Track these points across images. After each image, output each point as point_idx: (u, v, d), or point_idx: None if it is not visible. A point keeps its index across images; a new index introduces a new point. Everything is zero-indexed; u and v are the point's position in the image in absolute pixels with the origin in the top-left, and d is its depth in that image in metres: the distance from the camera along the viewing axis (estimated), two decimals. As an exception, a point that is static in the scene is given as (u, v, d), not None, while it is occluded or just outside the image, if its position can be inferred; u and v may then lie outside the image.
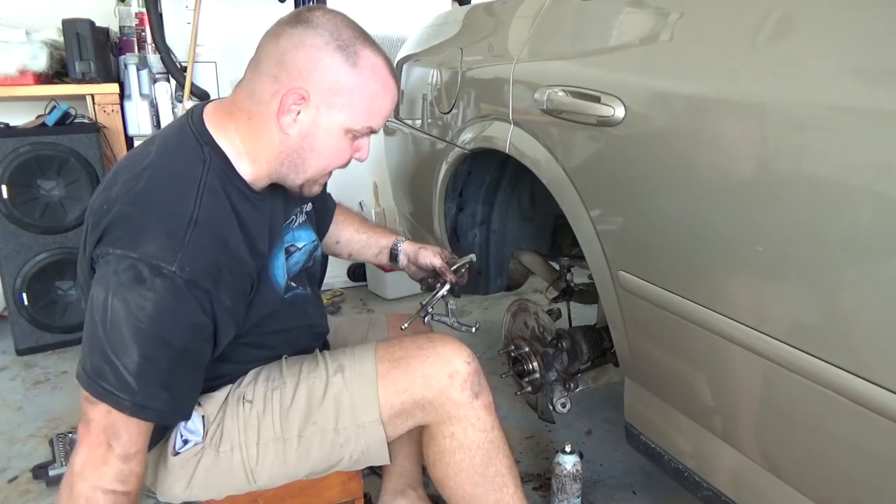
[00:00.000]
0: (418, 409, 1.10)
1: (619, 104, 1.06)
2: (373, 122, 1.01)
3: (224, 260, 0.94)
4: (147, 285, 0.86)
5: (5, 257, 2.32)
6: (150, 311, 0.86)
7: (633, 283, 1.13)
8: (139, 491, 0.94)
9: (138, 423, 0.90)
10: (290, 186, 1.05)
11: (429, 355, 1.09)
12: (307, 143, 0.98)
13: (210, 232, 0.92)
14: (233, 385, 1.12)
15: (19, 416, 2.02)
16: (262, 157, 1.00)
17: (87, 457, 0.89)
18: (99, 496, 0.89)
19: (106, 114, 2.51)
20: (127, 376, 0.87)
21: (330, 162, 1.02)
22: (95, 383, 0.87)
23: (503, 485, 1.14)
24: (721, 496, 1.06)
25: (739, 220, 0.90)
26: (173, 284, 0.87)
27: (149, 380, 0.89)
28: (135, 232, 0.89)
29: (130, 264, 0.87)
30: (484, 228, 1.81)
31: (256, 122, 0.98)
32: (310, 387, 1.10)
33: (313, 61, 0.94)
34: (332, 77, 0.95)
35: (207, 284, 0.91)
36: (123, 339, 0.86)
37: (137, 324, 0.86)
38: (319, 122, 0.97)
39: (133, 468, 0.91)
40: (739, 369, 0.96)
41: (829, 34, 0.80)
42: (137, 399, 0.88)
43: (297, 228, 1.19)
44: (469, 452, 1.11)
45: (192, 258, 0.89)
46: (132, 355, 0.86)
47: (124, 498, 0.91)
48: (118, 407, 0.88)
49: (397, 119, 2.12)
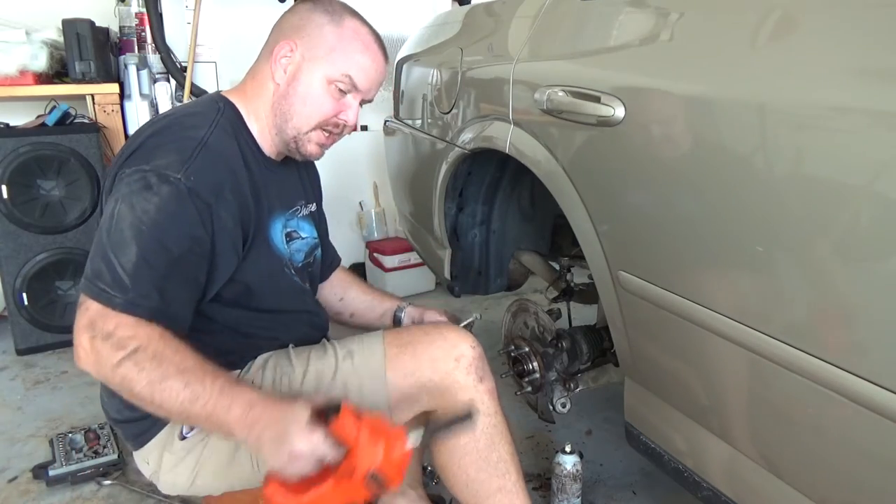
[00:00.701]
0: (424, 393, 1.12)
1: (619, 104, 1.06)
2: (352, 72, 1.08)
3: (228, 182, 1.01)
4: (153, 191, 0.93)
5: (5, 257, 2.32)
6: (152, 213, 0.92)
7: (633, 283, 1.13)
8: (152, 338, 0.91)
9: (130, 317, 0.91)
10: (286, 142, 1.12)
11: (435, 340, 1.12)
12: (292, 90, 1.08)
13: (218, 154, 1.01)
14: (241, 371, 1.13)
15: (19, 416, 2.02)
16: (262, 111, 1.11)
17: (84, 353, 0.91)
18: (112, 372, 0.89)
19: (106, 114, 2.51)
20: (122, 274, 0.90)
21: (314, 110, 1.09)
22: (92, 284, 0.91)
23: (506, 471, 1.16)
24: (721, 496, 1.06)
25: (739, 220, 0.90)
26: (177, 191, 0.94)
27: (143, 280, 0.91)
28: (149, 151, 0.98)
29: (141, 175, 0.95)
30: (484, 228, 1.81)
31: (258, 80, 1.11)
32: (319, 371, 1.12)
33: (304, 20, 1.09)
34: (317, 32, 1.08)
35: (210, 198, 0.97)
36: (124, 240, 0.91)
37: (139, 225, 0.92)
38: (303, 69, 1.08)
39: (125, 342, 0.90)
40: (739, 369, 0.96)
41: (829, 34, 0.80)
42: (129, 296, 0.90)
43: (300, 218, 1.23)
44: (473, 437, 1.13)
45: (198, 171, 0.97)
46: (130, 254, 0.91)
47: (141, 354, 0.89)
48: (110, 304, 0.90)
49: (397, 119, 2.12)
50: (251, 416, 0.88)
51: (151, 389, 0.88)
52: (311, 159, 1.17)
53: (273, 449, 0.87)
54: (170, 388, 0.88)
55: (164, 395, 0.88)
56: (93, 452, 1.71)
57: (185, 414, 0.89)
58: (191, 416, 0.90)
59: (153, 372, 0.88)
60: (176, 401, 0.88)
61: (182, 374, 0.88)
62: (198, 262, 0.99)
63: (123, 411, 1.11)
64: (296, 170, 1.27)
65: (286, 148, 1.14)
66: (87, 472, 1.66)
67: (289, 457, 0.86)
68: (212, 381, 0.89)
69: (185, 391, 0.88)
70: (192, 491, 1.11)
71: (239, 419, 0.88)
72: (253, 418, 0.88)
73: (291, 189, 1.23)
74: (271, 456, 0.88)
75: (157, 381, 0.87)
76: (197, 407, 0.88)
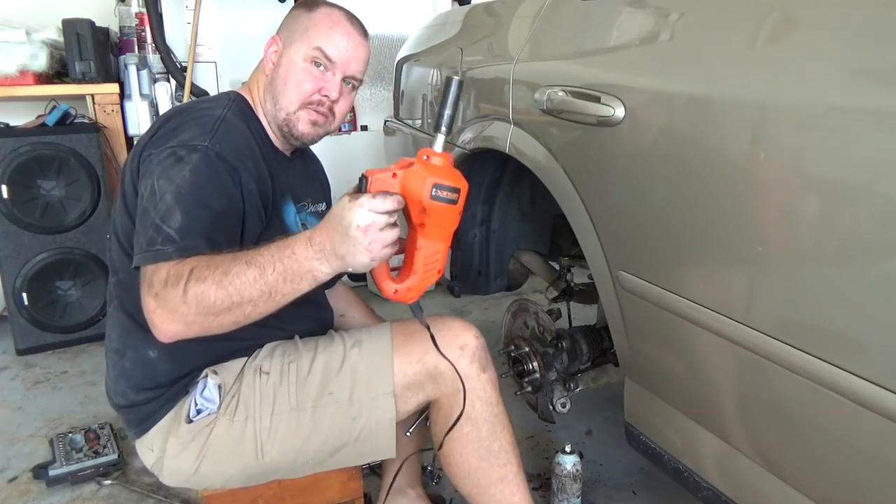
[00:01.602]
0: (429, 381, 1.14)
1: (619, 104, 1.06)
2: (322, 44, 1.14)
3: (247, 152, 1.09)
4: (185, 161, 1.00)
5: (5, 257, 2.32)
6: (188, 177, 0.99)
7: (633, 283, 1.13)
8: (200, 257, 0.94)
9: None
10: (280, 127, 1.17)
11: (440, 329, 1.13)
12: (276, 74, 1.17)
13: (236, 128, 1.10)
14: (248, 358, 1.15)
15: (19, 416, 2.02)
16: (259, 100, 1.19)
17: (158, 317, 0.92)
18: (185, 306, 0.90)
19: (106, 114, 2.51)
20: (174, 234, 0.95)
21: (294, 87, 1.15)
22: (148, 252, 0.95)
23: (507, 461, 1.18)
24: (721, 496, 1.06)
25: (739, 220, 0.90)
26: (206, 156, 1.01)
27: (193, 234, 0.96)
28: (172, 131, 1.05)
29: (170, 152, 1.01)
30: (484, 228, 1.81)
31: (256, 75, 1.21)
32: (327, 359, 1.15)
33: (287, 18, 1.21)
34: (294, 21, 1.18)
35: (235, 161, 1.04)
36: (169, 207, 0.96)
37: (179, 190, 0.97)
38: (284, 55, 1.17)
39: (181, 272, 0.92)
40: (739, 369, 0.96)
41: (829, 34, 0.80)
42: (181, 244, 0.95)
43: (308, 213, 1.26)
44: (475, 425, 1.15)
45: (222, 139, 1.04)
46: (177, 217, 0.96)
47: (198, 270, 0.91)
48: (164, 258, 0.94)
49: (397, 119, 2.12)
50: (315, 245, 0.89)
51: (224, 288, 0.89)
52: (305, 140, 1.20)
53: (350, 247, 0.87)
54: (238, 275, 0.90)
55: (238, 283, 0.89)
56: (93, 452, 1.71)
57: (267, 288, 0.90)
58: (272, 287, 0.91)
59: (215, 273, 0.90)
60: (250, 281, 0.89)
61: (238, 259, 0.91)
62: (236, 221, 1.05)
63: (129, 395, 1.13)
64: (304, 168, 1.30)
65: (282, 133, 1.19)
66: (87, 472, 1.66)
67: (364, 236, 0.86)
68: (265, 248, 0.92)
69: (251, 269, 0.90)
70: (196, 478, 1.12)
71: (309, 256, 0.89)
72: (318, 245, 0.89)
73: (299, 183, 1.26)
74: (356, 254, 0.87)
75: (224, 276, 0.90)
76: (270, 274, 0.90)
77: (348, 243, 0.86)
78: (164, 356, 1.10)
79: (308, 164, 1.34)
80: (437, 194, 0.87)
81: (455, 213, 0.91)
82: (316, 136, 1.20)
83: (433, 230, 0.90)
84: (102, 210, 2.41)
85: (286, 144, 1.22)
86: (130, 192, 1.07)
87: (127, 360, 1.12)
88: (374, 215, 0.85)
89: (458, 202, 0.89)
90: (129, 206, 1.07)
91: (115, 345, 1.14)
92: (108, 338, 1.17)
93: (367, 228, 0.85)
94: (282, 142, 1.21)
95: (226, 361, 1.14)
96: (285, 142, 1.21)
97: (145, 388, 1.12)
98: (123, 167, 1.11)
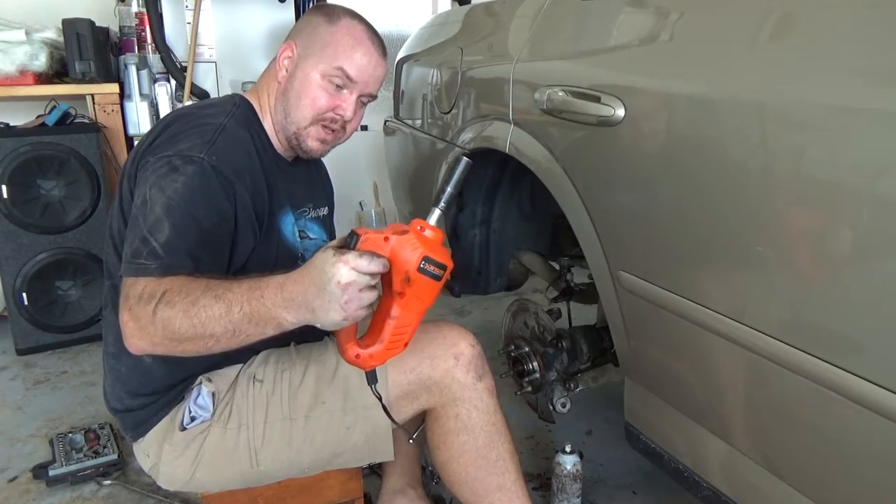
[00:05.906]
0: (424, 391, 1.13)
1: (619, 104, 1.06)
2: (345, 65, 1.11)
3: (245, 165, 1.07)
4: (179, 171, 0.99)
5: (5, 257, 2.32)
6: (181, 190, 0.97)
7: (633, 283, 1.13)
8: (177, 279, 0.92)
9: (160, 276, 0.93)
10: (288, 138, 1.15)
11: (435, 337, 1.13)
12: (290, 86, 1.13)
13: (236, 139, 1.08)
14: (243, 365, 1.15)
15: (19, 416, 2.02)
16: (268, 108, 1.17)
17: (129, 329, 0.91)
18: (153, 326, 0.89)
19: (106, 114, 2.51)
20: (158, 249, 0.94)
21: (309, 104, 1.12)
22: (132, 264, 0.94)
23: (505, 469, 1.16)
24: (721, 496, 1.06)
25: (739, 220, 0.90)
26: (202, 168, 0.99)
27: (177, 251, 0.95)
28: (171, 139, 1.04)
29: (166, 161, 1.00)
30: (484, 228, 1.81)
31: (267, 81, 1.18)
32: (319, 368, 1.13)
33: (304, 23, 1.17)
34: (313, 32, 1.13)
35: (231, 175, 1.03)
36: (158, 219, 0.96)
37: (169, 202, 0.96)
38: (300, 66, 1.13)
39: (154, 292, 0.91)
40: (739, 369, 0.96)
41: (829, 34, 0.80)
42: (163, 261, 0.94)
43: (308, 219, 1.25)
44: (472, 434, 1.14)
45: (219, 151, 1.02)
46: (164, 230, 0.95)
47: (170, 293, 0.89)
48: (146, 273, 0.93)
49: (397, 119, 2.12)
50: (286, 293, 0.85)
51: (190, 318, 0.86)
52: (313, 156, 1.19)
53: (324, 301, 0.83)
54: (205, 308, 0.86)
55: (203, 316, 0.86)
56: (93, 452, 1.71)
57: (231, 326, 0.87)
58: (237, 326, 0.87)
59: (184, 301, 0.87)
60: (216, 316, 0.86)
61: (209, 291, 0.88)
62: (225, 238, 1.03)
63: (125, 400, 1.12)
64: (307, 173, 1.28)
65: (289, 144, 1.17)
66: (87, 472, 1.66)
67: (342, 293, 0.81)
68: (237, 284, 0.88)
69: (218, 304, 0.87)
70: (192, 484, 1.12)
71: (277, 303, 0.85)
72: (288, 294, 0.85)
73: (301, 190, 1.24)
74: (328, 310, 0.83)
75: (191, 306, 0.87)
76: (236, 313, 0.86)
77: (323, 297, 0.82)
78: (159, 361, 1.08)
79: (311, 168, 1.31)
80: (424, 267, 0.85)
81: (436, 290, 0.88)
82: (324, 151, 1.19)
83: (411, 301, 0.88)
84: (102, 210, 2.41)
85: (290, 152, 1.20)
86: (128, 198, 1.06)
87: (123, 365, 1.12)
88: (356, 274, 0.81)
89: (441, 279, 0.87)
90: (126, 211, 1.06)
91: (112, 349, 1.13)
92: (105, 341, 1.16)
93: (346, 286, 0.81)
94: (286, 149, 1.19)
95: (221, 368, 1.13)
96: (287, 148, 1.19)
97: (141, 394, 1.11)
98: (122, 171, 1.11)
